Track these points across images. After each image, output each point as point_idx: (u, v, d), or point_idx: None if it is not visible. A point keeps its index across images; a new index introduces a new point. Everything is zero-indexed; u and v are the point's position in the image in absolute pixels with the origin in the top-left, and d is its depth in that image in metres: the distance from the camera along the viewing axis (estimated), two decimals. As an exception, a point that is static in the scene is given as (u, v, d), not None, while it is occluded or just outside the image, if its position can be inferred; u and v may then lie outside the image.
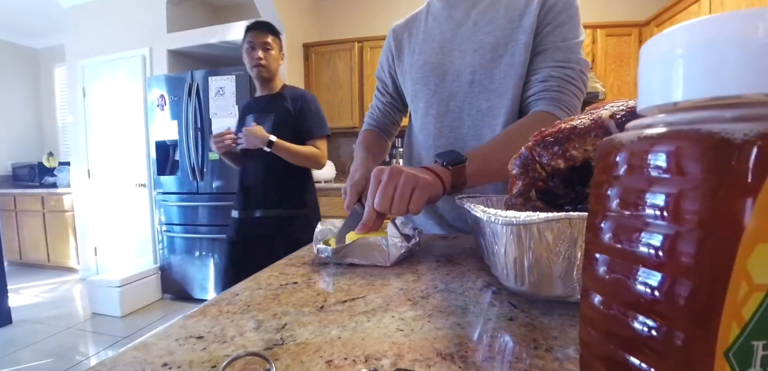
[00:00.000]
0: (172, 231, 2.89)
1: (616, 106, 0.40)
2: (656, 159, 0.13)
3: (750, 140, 0.11)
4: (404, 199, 0.52)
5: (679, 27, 0.13)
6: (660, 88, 0.14)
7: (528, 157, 0.42)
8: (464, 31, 0.78)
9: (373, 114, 0.98)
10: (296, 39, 3.05)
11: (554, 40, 0.69)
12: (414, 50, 0.83)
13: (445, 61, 0.78)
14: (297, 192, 1.55)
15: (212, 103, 2.73)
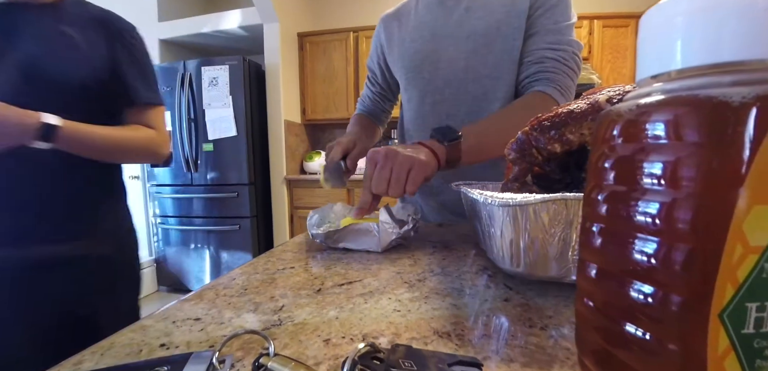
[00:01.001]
0: (166, 224, 2.87)
1: (613, 91, 0.40)
2: (655, 127, 0.13)
3: (748, 102, 0.11)
4: (400, 181, 0.52)
5: None
6: (659, 57, 0.14)
7: (524, 141, 0.42)
8: (456, 18, 0.77)
9: (364, 102, 0.98)
10: (290, 28, 3.02)
11: (546, 23, 0.70)
12: (405, 39, 0.83)
13: (438, 49, 0.78)
14: (89, 217, 0.80)
15: (205, 93, 2.70)
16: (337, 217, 0.58)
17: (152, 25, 3.14)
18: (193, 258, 2.85)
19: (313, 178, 2.87)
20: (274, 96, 2.86)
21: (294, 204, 2.91)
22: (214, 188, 2.73)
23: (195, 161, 2.75)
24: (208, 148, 2.71)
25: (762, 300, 0.11)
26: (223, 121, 2.69)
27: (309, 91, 3.14)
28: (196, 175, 2.75)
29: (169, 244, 2.89)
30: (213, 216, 2.75)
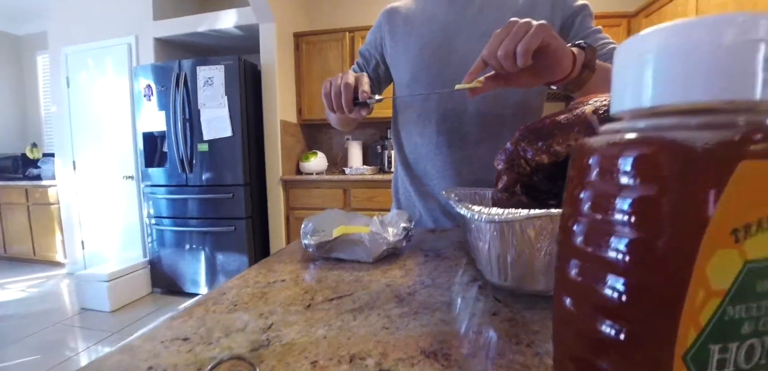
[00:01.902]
0: (161, 225, 2.86)
1: (599, 101, 0.40)
2: (624, 165, 0.13)
3: (710, 149, 0.11)
4: (517, 36, 0.46)
5: (651, 31, 0.14)
6: (631, 92, 0.14)
7: (513, 152, 0.42)
8: (469, 16, 0.77)
9: None
10: (286, 28, 3.01)
11: (591, 25, 0.74)
12: (411, 32, 0.81)
13: (449, 44, 0.77)
14: None
15: (201, 93, 2.69)
16: (332, 225, 0.58)
17: (148, 23, 3.13)
18: (187, 260, 2.84)
19: (309, 179, 2.87)
20: (269, 96, 2.86)
21: (290, 205, 2.91)
22: (209, 189, 2.72)
23: (190, 161, 2.74)
24: (203, 148, 2.70)
25: (724, 342, 0.12)
26: (218, 121, 2.68)
27: (305, 91, 3.14)
28: (191, 175, 2.74)
29: (164, 246, 2.88)
30: (208, 217, 2.74)
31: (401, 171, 0.91)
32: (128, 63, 3.14)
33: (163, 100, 2.76)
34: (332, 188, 2.82)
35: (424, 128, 0.81)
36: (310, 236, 0.52)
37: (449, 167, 0.79)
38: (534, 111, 0.79)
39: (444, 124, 0.79)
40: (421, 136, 0.83)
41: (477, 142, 0.77)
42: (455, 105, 0.77)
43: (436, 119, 0.79)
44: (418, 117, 0.82)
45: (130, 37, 3.15)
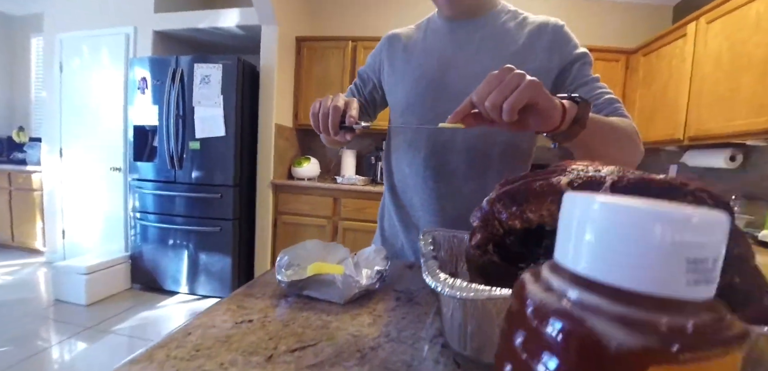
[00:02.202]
0: (145, 220, 2.82)
1: (575, 173, 0.41)
2: (550, 330, 0.13)
3: (622, 355, 0.11)
4: (503, 92, 0.47)
5: (597, 200, 0.13)
6: (572, 252, 0.14)
7: (488, 212, 0.43)
8: (466, 53, 0.78)
9: None
10: (289, 32, 3.01)
11: (590, 73, 0.74)
12: (410, 61, 0.82)
13: (443, 79, 0.78)
14: None
15: (196, 90, 2.67)
16: (308, 258, 0.57)
17: (148, 15, 3.11)
18: (170, 257, 2.80)
19: (300, 185, 2.86)
20: (266, 98, 2.85)
21: (279, 209, 2.89)
22: (198, 187, 2.70)
23: (180, 158, 2.71)
24: (194, 146, 2.68)
25: None
26: (212, 120, 2.66)
27: (303, 96, 3.13)
28: (180, 172, 2.72)
29: (146, 241, 2.84)
30: (194, 216, 2.71)
31: (388, 198, 0.91)
32: (125, 54, 3.11)
33: (157, 94, 2.74)
34: (323, 196, 2.81)
35: (413, 158, 0.82)
36: (285, 271, 0.52)
37: (434, 201, 0.79)
38: (523, 153, 0.79)
39: (433, 157, 0.79)
40: (409, 165, 0.83)
41: (463, 179, 0.78)
42: (445, 139, 0.78)
43: (425, 151, 0.79)
44: (409, 146, 0.83)
45: (129, 27, 3.13)
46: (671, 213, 0.12)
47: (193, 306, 2.66)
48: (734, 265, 0.34)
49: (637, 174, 0.38)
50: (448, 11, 0.78)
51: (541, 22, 0.77)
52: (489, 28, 0.78)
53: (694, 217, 0.12)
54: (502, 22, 0.79)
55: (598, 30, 3.06)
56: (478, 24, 0.79)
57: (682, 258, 0.12)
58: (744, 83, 1.79)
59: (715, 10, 1.98)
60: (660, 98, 2.42)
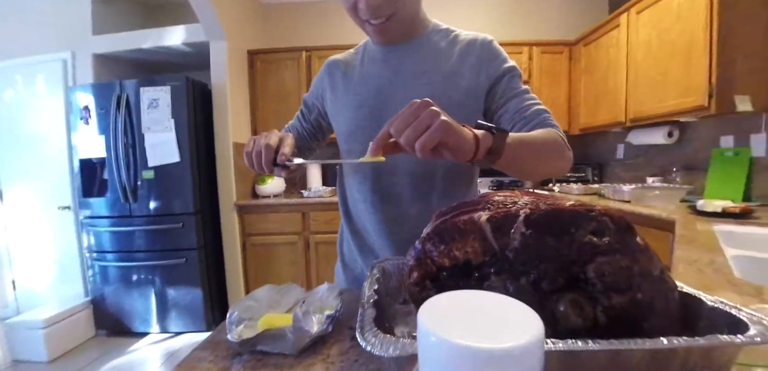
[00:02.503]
0: (104, 259, 2.67)
1: (495, 207, 0.43)
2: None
3: None
4: (418, 129, 0.49)
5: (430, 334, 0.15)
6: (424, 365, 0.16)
7: (421, 250, 0.45)
8: (401, 80, 0.80)
9: (293, 132, 0.93)
10: (240, 46, 2.94)
11: (519, 87, 0.78)
12: (349, 89, 0.83)
13: (382, 107, 0.79)
14: None
15: (145, 115, 2.56)
16: (259, 308, 0.57)
17: (86, 38, 2.93)
18: (135, 297, 2.67)
19: (265, 203, 2.81)
20: (221, 117, 2.77)
21: (246, 231, 2.83)
22: (157, 219, 2.59)
23: (134, 190, 2.59)
24: (148, 175, 2.57)
25: None
26: (164, 146, 2.56)
27: (260, 110, 3.08)
28: (135, 205, 2.60)
29: (108, 282, 2.69)
30: (156, 250, 2.60)
31: (344, 223, 0.92)
32: (63, 81, 2.93)
33: (102, 123, 2.60)
34: (290, 212, 2.78)
35: (361, 185, 0.83)
36: (235, 327, 0.52)
37: (384, 225, 0.81)
38: (464, 172, 0.82)
39: (378, 182, 0.80)
40: (358, 191, 0.84)
41: (409, 202, 0.80)
42: (389, 164, 0.79)
43: (371, 177, 0.81)
44: (355, 173, 0.84)
45: (66, 52, 2.95)
46: (485, 351, 0.14)
47: (168, 345, 2.54)
48: (637, 282, 0.38)
49: (549, 203, 0.41)
50: (378, 41, 0.80)
51: (470, 39, 0.80)
52: (422, 52, 0.80)
53: (505, 351, 0.14)
54: (434, 43, 0.81)
55: (541, 25, 3.21)
56: (411, 48, 0.81)
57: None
58: (672, 68, 1.93)
59: (643, 1, 2.13)
60: (602, 85, 2.57)
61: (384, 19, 0.73)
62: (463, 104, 0.77)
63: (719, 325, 0.38)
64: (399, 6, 0.73)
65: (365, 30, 0.78)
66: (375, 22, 0.73)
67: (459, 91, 0.77)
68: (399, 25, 0.76)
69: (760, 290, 0.65)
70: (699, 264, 0.84)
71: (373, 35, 0.78)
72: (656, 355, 0.33)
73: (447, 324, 0.15)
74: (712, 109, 1.72)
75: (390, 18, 0.73)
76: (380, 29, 0.75)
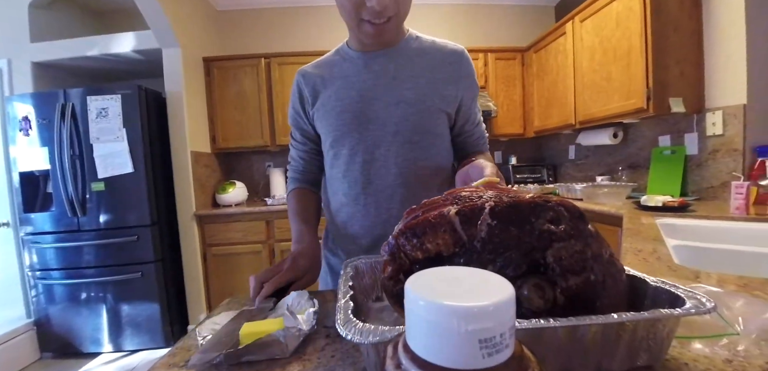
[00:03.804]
0: (48, 278, 2.46)
1: (465, 199, 0.46)
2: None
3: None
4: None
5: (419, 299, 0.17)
6: (411, 335, 0.18)
7: (394, 245, 0.46)
8: (384, 83, 0.81)
9: (297, 167, 0.92)
10: (194, 53, 2.84)
11: (475, 109, 0.91)
12: (330, 95, 0.83)
13: (367, 110, 0.80)
14: None
15: (93, 126, 2.40)
16: (234, 323, 0.55)
17: (23, 45, 2.72)
18: (85, 316, 2.48)
19: (226, 212, 2.72)
20: (177, 125, 2.66)
21: (206, 242, 2.72)
22: (109, 232, 2.43)
23: (82, 203, 2.42)
24: (98, 187, 2.41)
25: None
26: (116, 157, 2.42)
27: (219, 118, 2.98)
28: (84, 219, 2.43)
29: (53, 302, 2.49)
30: (108, 265, 2.44)
31: (330, 225, 0.93)
32: (-1, 91, 2.69)
33: (45, 134, 2.42)
34: (254, 220, 2.71)
35: (351, 188, 0.83)
36: (211, 350, 0.47)
37: (375, 228, 0.83)
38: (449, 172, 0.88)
39: (370, 186, 0.81)
40: (345, 195, 0.85)
41: (401, 203, 0.81)
42: (378, 168, 0.81)
43: (361, 182, 0.82)
44: (344, 175, 0.84)
45: (1, 60, 2.71)
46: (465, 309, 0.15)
47: (123, 363, 2.39)
48: (590, 264, 0.42)
49: (511, 196, 0.44)
50: (371, 42, 0.79)
51: (450, 49, 0.85)
52: (402, 57, 0.82)
53: (481, 308, 0.16)
54: (414, 49, 0.84)
55: (495, 32, 3.37)
56: (392, 54, 0.82)
57: (475, 340, 0.15)
58: (614, 72, 2.10)
59: (585, 10, 2.30)
60: (552, 89, 2.74)
61: (385, 20, 0.73)
62: (440, 111, 0.82)
63: (661, 302, 0.43)
64: (400, 7, 0.74)
65: (360, 30, 0.76)
66: (377, 22, 0.73)
67: (438, 97, 0.82)
68: (395, 27, 0.77)
69: (697, 274, 0.72)
70: (644, 254, 0.92)
71: (368, 36, 0.76)
72: (608, 329, 0.37)
73: (432, 291, 0.17)
74: (650, 111, 1.88)
75: (390, 19, 0.73)
76: (380, 30, 0.74)
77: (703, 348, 0.42)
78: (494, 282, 0.18)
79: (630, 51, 1.95)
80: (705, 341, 0.43)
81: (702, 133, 1.92)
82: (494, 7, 3.39)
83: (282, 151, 3.19)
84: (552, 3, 3.39)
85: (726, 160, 1.80)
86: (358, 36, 0.79)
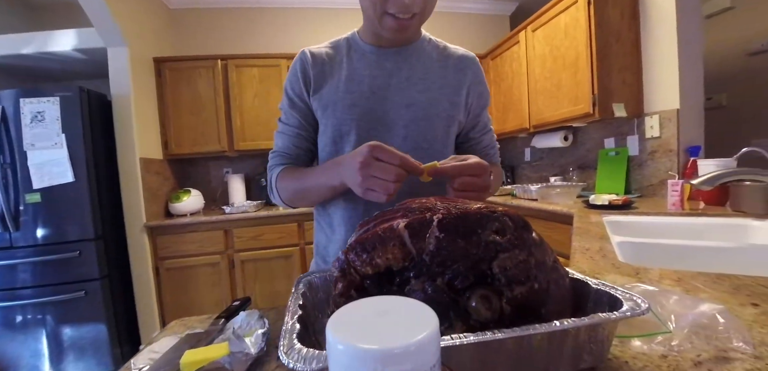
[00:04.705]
0: (-26, 302, 2.22)
1: (415, 211, 0.46)
2: None
3: None
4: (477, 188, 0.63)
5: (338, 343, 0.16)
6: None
7: (344, 261, 0.45)
8: (397, 83, 0.78)
9: (288, 152, 0.83)
10: (144, 53, 2.67)
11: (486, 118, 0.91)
12: (338, 87, 0.78)
13: (377, 109, 0.77)
14: None
15: (27, 131, 2.20)
16: (174, 352, 0.51)
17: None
18: (20, 342, 2.25)
19: (181, 222, 2.58)
20: (124, 130, 2.49)
21: (159, 255, 2.57)
22: (47, 248, 2.23)
23: (15, 217, 2.21)
24: (33, 199, 2.21)
25: None
26: (54, 165, 2.23)
27: (172, 123, 2.83)
28: (17, 234, 2.21)
29: (-19, 328, 2.25)
30: (47, 284, 2.23)
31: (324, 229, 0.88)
32: None
33: (-30, 141, 2.18)
34: (211, 230, 2.59)
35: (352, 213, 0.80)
36: None
37: None
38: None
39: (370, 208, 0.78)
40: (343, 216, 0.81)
41: None
42: None
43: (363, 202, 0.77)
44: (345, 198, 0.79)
45: None
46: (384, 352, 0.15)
47: None
48: (533, 273, 0.43)
49: (459, 208, 0.45)
50: (393, 37, 0.75)
51: (461, 55, 0.85)
52: (416, 59, 0.81)
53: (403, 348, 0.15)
54: (427, 52, 0.82)
55: (455, 40, 3.34)
56: (406, 53, 0.80)
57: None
58: (563, 79, 2.22)
59: (537, 21, 2.41)
60: (508, 95, 2.85)
61: (410, 16, 0.70)
62: (451, 117, 0.81)
63: (602, 304, 0.45)
64: (427, 5, 0.72)
65: (382, 23, 0.72)
66: (402, 17, 0.70)
67: (450, 103, 0.81)
68: (417, 25, 0.75)
69: (637, 270, 0.77)
70: (591, 252, 0.97)
71: (389, 30, 0.73)
72: (552, 336, 0.38)
73: (352, 332, 0.16)
74: (596, 115, 2.00)
75: (414, 16, 0.71)
76: (403, 26, 0.71)
77: (641, 346, 0.45)
78: (420, 316, 0.18)
79: (577, 59, 2.07)
80: (643, 339, 0.45)
81: (642, 136, 2.07)
82: (454, 15, 3.47)
83: (241, 157, 3.08)
84: (507, 12, 3.53)
85: (663, 160, 1.95)
86: (376, 29, 0.75)
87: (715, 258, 0.96)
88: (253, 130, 2.89)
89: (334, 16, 3.33)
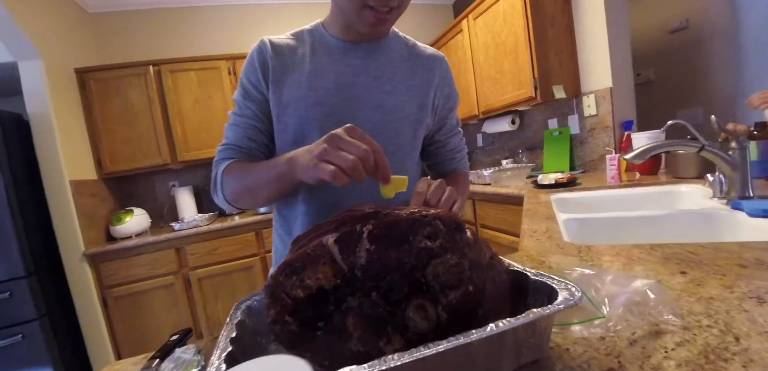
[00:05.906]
0: None
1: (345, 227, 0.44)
2: None
3: None
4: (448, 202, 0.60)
5: None
6: None
7: (273, 285, 0.42)
8: (364, 82, 0.75)
9: (240, 144, 0.75)
10: (63, 64, 2.42)
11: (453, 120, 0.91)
12: (301, 83, 0.73)
13: (343, 109, 0.73)
14: None
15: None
16: None
17: None
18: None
19: (126, 245, 2.39)
20: (47, 152, 2.26)
21: (105, 284, 2.37)
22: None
23: None
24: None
25: None
26: (-35, 200, 1.98)
27: (104, 139, 2.61)
28: None
29: None
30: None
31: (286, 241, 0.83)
32: None
33: None
34: (160, 249, 2.43)
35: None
36: None
37: None
38: None
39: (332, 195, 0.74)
40: (310, 193, 0.76)
41: None
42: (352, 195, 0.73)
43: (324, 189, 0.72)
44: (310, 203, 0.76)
45: None
46: None
47: None
48: (467, 275, 0.42)
49: (391, 216, 0.43)
50: (370, 31, 0.71)
51: (430, 55, 0.83)
52: (385, 57, 0.77)
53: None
54: (396, 50, 0.79)
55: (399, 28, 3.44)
56: (375, 50, 0.77)
57: None
58: (506, 65, 2.28)
59: (477, 9, 2.46)
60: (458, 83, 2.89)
61: (388, 10, 0.67)
62: (418, 120, 0.79)
63: (541, 295, 0.45)
64: (403, 0, 0.69)
65: (360, 16, 0.68)
66: (382, 10, 0.66)
67: (417, 106, 0.79)
68: (394, 19, 0.71)
69: (580, 249, 0.80)
70: (538, 234, 1.00)
71: (366, 24, 0.68)
72: (490, 340, 0.37)
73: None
74: (538, 98, 2.08)
75: (392, 10, 0.67)
76: (382, 19, 0.68)
77: (582, 330, 0.45)
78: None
79: (517, 45, 2.13)
80: (582, 324, 0.46)
81: (581, 115, 2.18)
82: (398, 5, 3.47)
83: (187, 168, 2.91)
84: (450, 1, 3.58)
85: (601, 136, 2.06)
86: (352, 22, 0.71)
87: (650, 226, 1.03)
88: (197, 139, 2.73)
89: (271, 12, 3.17)
